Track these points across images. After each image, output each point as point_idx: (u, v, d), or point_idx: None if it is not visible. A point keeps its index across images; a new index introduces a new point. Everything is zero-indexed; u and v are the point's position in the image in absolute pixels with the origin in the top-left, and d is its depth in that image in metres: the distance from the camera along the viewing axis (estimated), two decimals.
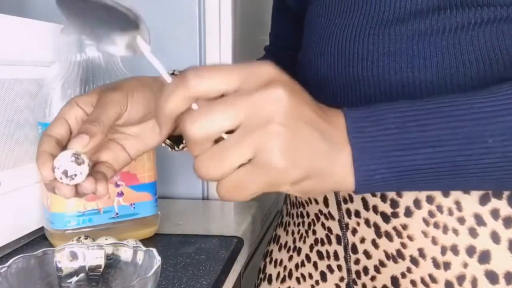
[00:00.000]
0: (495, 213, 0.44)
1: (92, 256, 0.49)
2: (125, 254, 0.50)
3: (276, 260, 0.64)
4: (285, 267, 0.62)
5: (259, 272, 0.67)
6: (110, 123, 0.43)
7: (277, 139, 0.32)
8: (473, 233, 0.45)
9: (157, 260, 0.46)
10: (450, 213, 0.45)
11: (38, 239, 0.68)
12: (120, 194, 0.66)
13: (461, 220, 0.45)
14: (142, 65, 0.84)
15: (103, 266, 0.50)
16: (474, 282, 0.45)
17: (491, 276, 0.44)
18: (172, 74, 0.55)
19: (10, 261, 0.45)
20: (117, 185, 0.66)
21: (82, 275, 0.49)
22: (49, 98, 0.61)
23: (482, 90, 0.37)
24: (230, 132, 0.33)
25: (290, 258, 0.61)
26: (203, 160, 0.33)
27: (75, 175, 0.40)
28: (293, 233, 0.62)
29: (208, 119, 0.32)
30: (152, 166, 0.69)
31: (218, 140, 0.34)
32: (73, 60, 0.62)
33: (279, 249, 0.64)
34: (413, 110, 0.36)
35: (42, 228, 0.68)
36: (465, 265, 0.45)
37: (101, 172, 0.44)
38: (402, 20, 0.45)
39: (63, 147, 0.42)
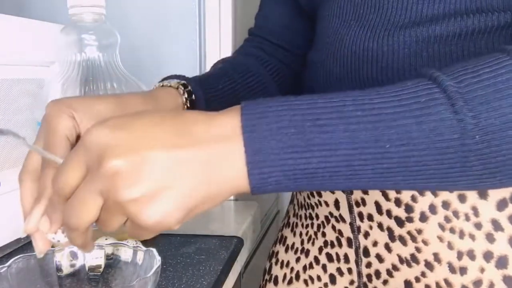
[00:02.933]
0: None
1: (92, 256, 0.49)
2: (125, 254, 0.50)
3: (282, 261, 0.63)
4: (292, 269, 0.61)
5: (265, 273, 0.66)
6: None
7: (116, 178, 0.32)
8: (490, 238, 0.44)
9: (157, 260, 0.46)
10: (467, 218, 0.45)
11: None
12: None
13: (478, 226, 0.44)
14: (142, 66, 0.84)
15: (103, 266, 0.50)
16: (491, 287, 0.44)
17: (509, 281, 0.44)
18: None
19: (10, 261, 0.45)
20: None
21: (82, 275, 0.49)
22: (49, 98, 0.61)
23: (390, 86, 0.35)
24: None
25: (298, 259, 0.60)
26: (66, 210, 0.35)
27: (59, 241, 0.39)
28: (300, 234, 0.61)
29: (62, 176, 0.34)
30: None
31: None
32: (73, 60, 0.62)
33: (286, 250, 0.63)
34: (313, 109, 0.34)
35: None
36: (482, 270, 0.45)
37: None
38: (418, 24, 0.45)
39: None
